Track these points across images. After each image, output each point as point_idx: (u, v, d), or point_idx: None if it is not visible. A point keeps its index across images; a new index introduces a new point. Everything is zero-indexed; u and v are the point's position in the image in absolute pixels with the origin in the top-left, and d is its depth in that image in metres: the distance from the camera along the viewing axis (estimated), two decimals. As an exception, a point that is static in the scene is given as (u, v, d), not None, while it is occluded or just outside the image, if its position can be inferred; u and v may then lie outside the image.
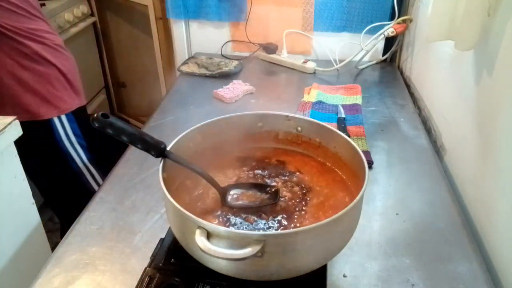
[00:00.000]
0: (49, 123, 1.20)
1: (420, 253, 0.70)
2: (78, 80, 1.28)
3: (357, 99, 1.19)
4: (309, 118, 0.76)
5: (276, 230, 0.62)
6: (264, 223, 0.63)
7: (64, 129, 1.23)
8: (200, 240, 0.51)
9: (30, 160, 1.25)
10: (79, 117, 1.27)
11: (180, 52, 1.59)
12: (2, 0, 1.06)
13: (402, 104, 1.20)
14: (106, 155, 1.22)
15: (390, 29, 1.33)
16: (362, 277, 0.66)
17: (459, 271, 0.67)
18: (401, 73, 1.43)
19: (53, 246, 0.84)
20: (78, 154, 1.27)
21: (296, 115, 0.76)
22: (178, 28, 1.55)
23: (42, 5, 1.72)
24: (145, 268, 0.63)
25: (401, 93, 1.27)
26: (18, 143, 0.91)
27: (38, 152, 1.25)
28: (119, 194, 0.84)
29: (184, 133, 0.69)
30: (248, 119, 0.77)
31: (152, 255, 0.66)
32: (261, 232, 0.61)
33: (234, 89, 1.25)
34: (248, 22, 1.47)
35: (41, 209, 1.00)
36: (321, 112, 1.13)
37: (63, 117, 1.22)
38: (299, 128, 0.76)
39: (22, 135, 0.91)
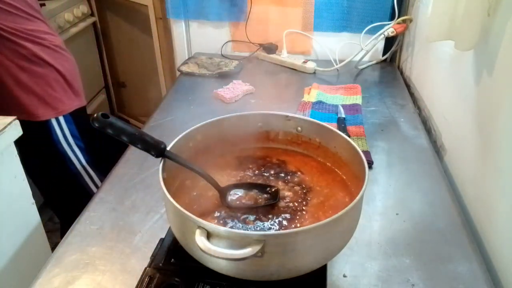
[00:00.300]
0: (46, 124, 1.20)
1: (420, 253, 0.70)
2: (78, 81, 1.28)
3: (357, 99, 1.19)
4: (309, 118, 0.76)
5: (276, 230, 0.62)
6: (264, 223, 0.63)
7: (62, 130, 1.23)
8: (200, 240, 0.51)
9: (29, 160, 1.25)
10: (78, 118, 1.27)
11: (180, 52, 1.59)
12: (0, 2, 1.06)
13: (402, 104, 1.20)
14: (105, 155, 1.22)
15: (390, 29, 1.33)
16: (362, 277, 0.66)
17: (459, 271, 0.67)
18: (401, 73, 1.43)
19: (53, 246, 0.84)
20: (76, 155, 1.27)
21: (296, 115, 0.76)
22: (178, 28, 1.55)
23: (42, 5, 1.72)
24: (145, 268, 0.63)
25: (401, 93, 1.27)
26: (18, 143, 0.91)
27: (37, 153, 1.25)
28: (119, 194, 0.84)
29: (184, 133, 0.69)
30: (248, 119, 0.77)
31: (152, 255, 0.66)
32: (261, 232, 0.61)
33: (234, 89, 1.25)
34: (248, 22, 1.47)
35: (41, 209, 1.00)
36: (321, 112, 1.13)
37: (61, 119, 1.22)
38: (299, 128, 0.76)
39: (21, 135, 0.91)
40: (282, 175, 0.73)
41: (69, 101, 1.24)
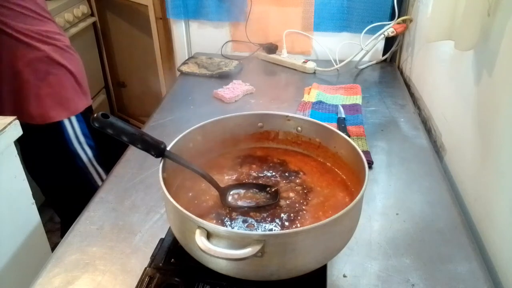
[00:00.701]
0: (59, 125, 1.20)
1: (420, 253, 0.70)
2: (85, 80, 1.28)
3: (357, 99, 1.19)
4: (309, 118, 0.76)
5: (276, 230, 0.62)
6: (264, 223, 0.63)
7: (74, 130, 1.23)
8: (200, 240, 0.51)
9: (37, 160, 1.24)
10: (87, 117, 1.27)
11: (180, 52, 1.59)
12: (14, 4, 1.06)
13: (402, 104, 1.20)
14: (112, 153, 1.22)
15: (390, 29, 1.33)
16: (362, 277, 0.66)
17: (459, 271, 0.67)
18: (401, 73, 1.43)
19: (53, 246, 0.84)
20: (86, 153, 1.28)
21: (296, 115, 0.76)
22: (178, 28, 1.55)
23: (43, 5, 1.72)
24: (145, 268, 0.63)
25: (401, 93, 1.27)
26: (27, 143, 0.91)
27: (47, 153, 1.25)
28: (119, 194, 0.84)
29: (184, 133, 0.69)
30: (248, 119, 0.77)
31: (152, 255, 0.66)
32: (261, 232, 0.61)
33: (234, 89, 1.25)
34: (248, 22, 1.47)
35: (41, 209, 1.00)
36: (321, 112, 1.13)
37: (73, 118, 1.22)
38: (299, 128, 0.76)
39: (32, 136, 0.90)
40: (282, 175, 0.73)
41: (80, 100, 1.24)
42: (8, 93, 1.13)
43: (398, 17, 1.35)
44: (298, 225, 0.63)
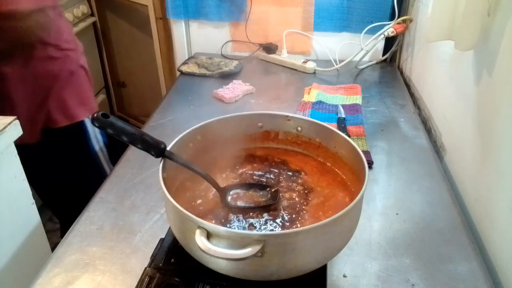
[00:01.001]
0: (82, 124, 1.20)
1: (420, 253, 0.70)
2: None
3: (357, 99, 1.19)
4: (309, 118, 0.76)
5: (276, 230, 0.62)
6: (264, 223, 0.63)
7: (94, 128, 1.23)
8: (200, 240, 0.51)
9: (47, 162, 1.23)
10: None
11: (180, 52, 1.59)
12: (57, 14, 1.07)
13: (402, 104, 1.20)
14: (113, 151, 1.22)
15: (390, 29, 1.33)
16: (362, 277, 0.66)
17: (459, 271, 0.67)
18: (401, 73, 1.43)
19: (53, 246, 0.84)
20: (102, 151, 1.27)
21: (296, 115, 0.76)
22: (178, 28, 1.55)
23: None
24: (145, 268, 0.63)
25: (401, 93, 1.27)
26: (31, 147, 0.89)
27: (69, 154, 1.24)
28: (119, 194, 0.84)
29: (184, 133, 0.69)
30: (248, 119, 0.77)
31: (152, 255, 0.66)
32: (261, 232, 0.61)
33: (234, 89, 1.25)
34: (248, 22, 1.47)
35: (41, 209, 1.00)
36: (321, 112, 1.13)
37: None
38: (299, 128, 0.76)
39: (56, 140, 0.88)
40: (282, 175, 0.73)
41: (93, 99, 1.25)
42: (31, 103, 1.12)
43: (398, 17, 1.35)
44: (298, 225, 0.63)
